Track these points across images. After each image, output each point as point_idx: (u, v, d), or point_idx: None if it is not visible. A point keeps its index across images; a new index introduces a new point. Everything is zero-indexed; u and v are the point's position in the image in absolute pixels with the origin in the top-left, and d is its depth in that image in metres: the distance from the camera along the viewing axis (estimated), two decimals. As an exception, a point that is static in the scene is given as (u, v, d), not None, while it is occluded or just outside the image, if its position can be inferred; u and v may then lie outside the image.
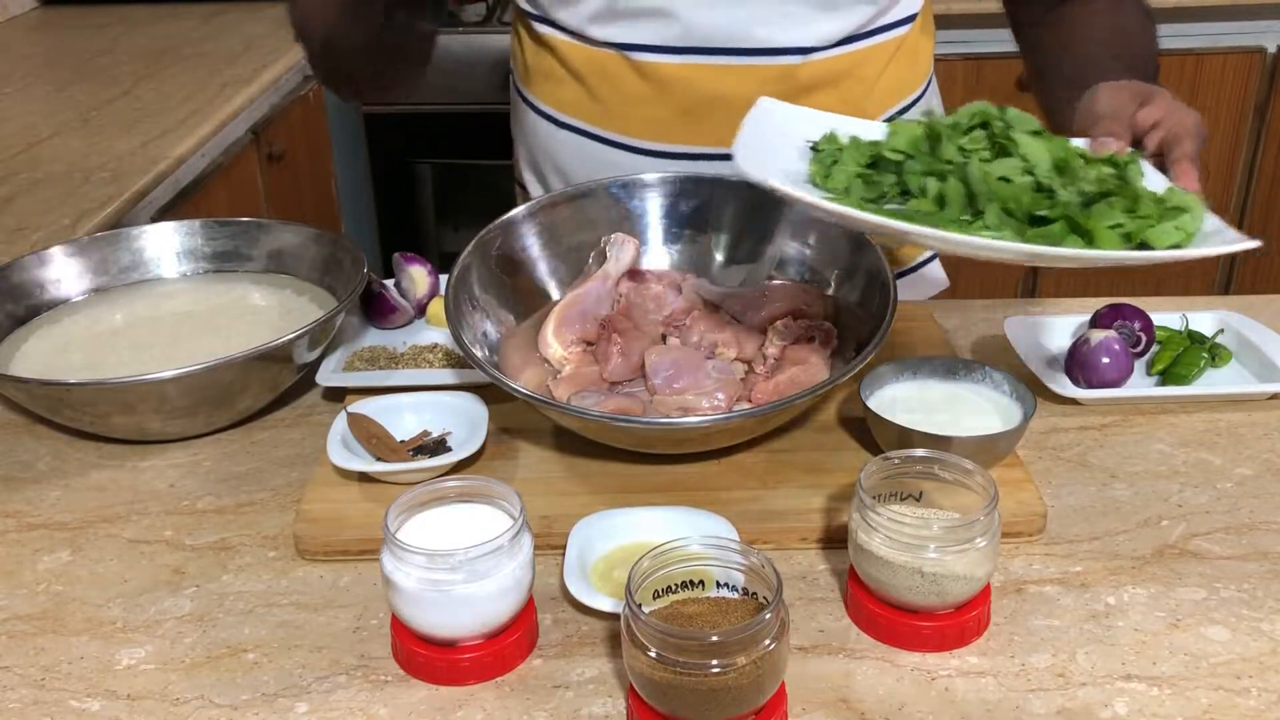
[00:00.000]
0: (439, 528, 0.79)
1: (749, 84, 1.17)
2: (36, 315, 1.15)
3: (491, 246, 1.07)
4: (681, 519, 0.87)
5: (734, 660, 0.67)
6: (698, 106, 1.18)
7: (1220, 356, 1.11)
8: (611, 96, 1.21)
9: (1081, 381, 1.06)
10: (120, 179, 1.65)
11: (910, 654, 0.79)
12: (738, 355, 1.01)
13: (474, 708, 0.75)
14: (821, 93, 1.19)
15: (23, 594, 0.87)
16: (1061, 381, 1.05)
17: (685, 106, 1.19)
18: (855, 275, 1.05)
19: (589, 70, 1.21)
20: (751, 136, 0.96)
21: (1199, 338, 1.12)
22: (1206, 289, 2.75)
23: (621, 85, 1.20)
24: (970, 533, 0.76)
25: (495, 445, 0.99)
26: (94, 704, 0.76)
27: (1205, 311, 1.16)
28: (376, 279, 1.16)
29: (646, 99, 1.20)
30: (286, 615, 0.84)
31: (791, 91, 1.17)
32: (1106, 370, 1.05)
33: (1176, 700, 0.74)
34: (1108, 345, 1.06)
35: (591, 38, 1.19)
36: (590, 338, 1.05)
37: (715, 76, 1.17)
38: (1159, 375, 1.09)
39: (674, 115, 1.19)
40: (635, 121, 1.21)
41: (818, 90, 1.19)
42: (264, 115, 2.15)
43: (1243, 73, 2.59)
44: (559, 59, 1.23)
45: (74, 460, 1.03)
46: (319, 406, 1.10)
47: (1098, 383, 1.05)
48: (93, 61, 2.27)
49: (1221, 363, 1.11)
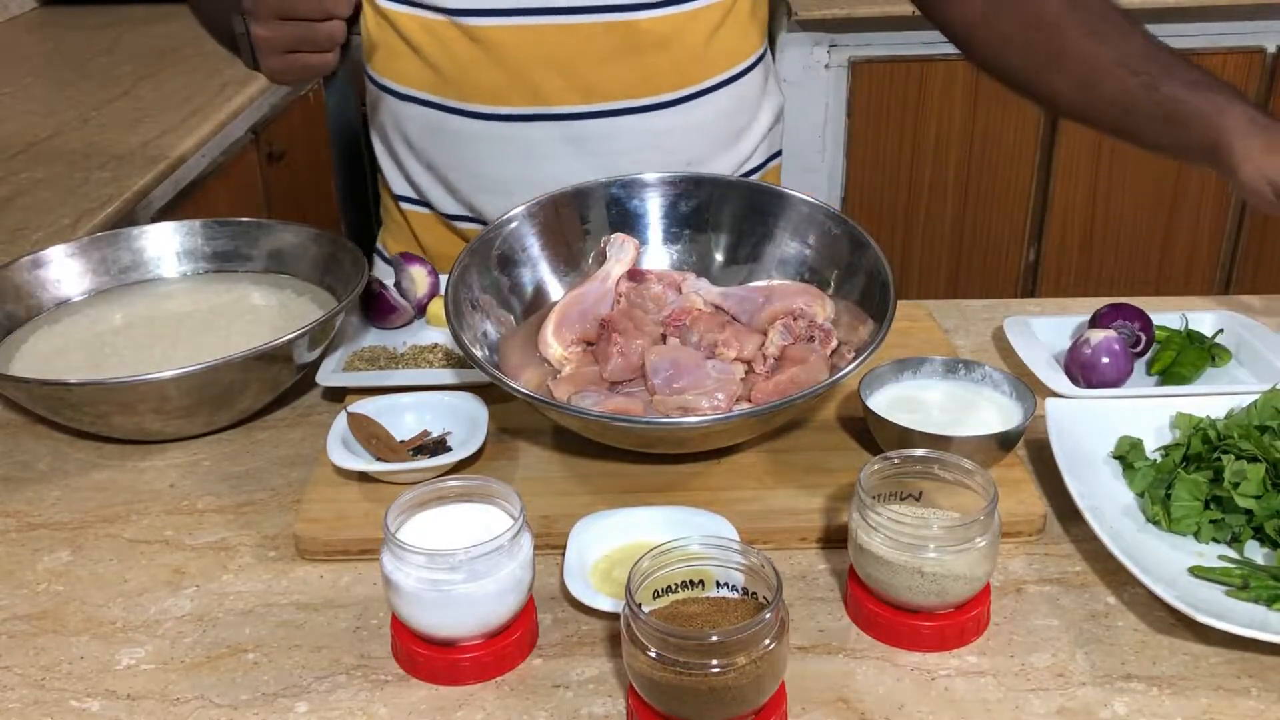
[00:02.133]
0: (439, 528, 0.79)
1: (579, 43, 1.18)
2: (36, 315, 1.15)
3: (491, 246, 1.07)
4: (681, 519, 0.87)
5: (734, 660, 0.67)
6: (531, 68, 1.19)
7: (1220, 356, 1.11)
8: (449, 65, 1.21)
9: (1081, 381, 1.06)
10: (120, 179, 1.65)
11: (910, 654, 0.79)
12: (738, 355, 1.01)
13: (474, 708, 0.75)
14: (650, 54, 1.20)
15: (23, 594, 0.87)
16: (1061, 381, 1.05)
17: (518, 69, 1.19)
18: (855, 275, 1.05)
19: (425, 40, 1.21)
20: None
21: (1199, 338, 1.12)
22: (1206, 289, 2.75)
23: (457, 52, 1.20)
24: (970, 533, 0.76)
25: (495, 445, 0.99)
26: (94, 704, 0.76)
27: (1205, 312, 1.16)
28: (376, 279, 1.16)
29: (480, 64, 1.20)
30: (286, 615, 0.84)
31: (620, 52, 1.19)
32: (1106, 370, 1.06)
33: (1176, 700, 0.74)
34: (1108, 345, 1.06)
35: (426, 3, 1.19)
36: (590, 338, 1.05)
37: (545, 37, 1.18)
38: (1159, 375, 1.09)
39: (509, 79, 1.20)
40: (472, 88, 1.21)
41: (647, 51, 1.20)
42: (264, 115, 2.15)
43: (1243, 73, 2.59)
44: (398, 31, 1.23)
45: (74, 460, 1.03)
46: (319, 406, 1.10)
47: (1097, 383, 1.05)
48: (93, 61, 2.27)
49: (1221, 363, 1.11)
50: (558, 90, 1.20)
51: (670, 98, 1.23)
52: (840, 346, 1.02)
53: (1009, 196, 2.74)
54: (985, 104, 2.58)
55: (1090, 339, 1.07)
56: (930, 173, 2.70)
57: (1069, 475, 0.89)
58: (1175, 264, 2.77)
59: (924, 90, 2.60)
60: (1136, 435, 0.94)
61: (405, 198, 1.35)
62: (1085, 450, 0.94)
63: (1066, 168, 2.69)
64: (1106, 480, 0.92)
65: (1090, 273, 2.79)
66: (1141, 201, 2.72)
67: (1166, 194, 2.71)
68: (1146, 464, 0.92)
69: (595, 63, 1.19)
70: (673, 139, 1.25)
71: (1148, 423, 0.97)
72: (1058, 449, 0.92)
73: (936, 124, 2.64)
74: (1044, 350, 1.11)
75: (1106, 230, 2.76)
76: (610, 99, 1.21)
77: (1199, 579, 0.83)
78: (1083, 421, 0.96)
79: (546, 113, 1.21)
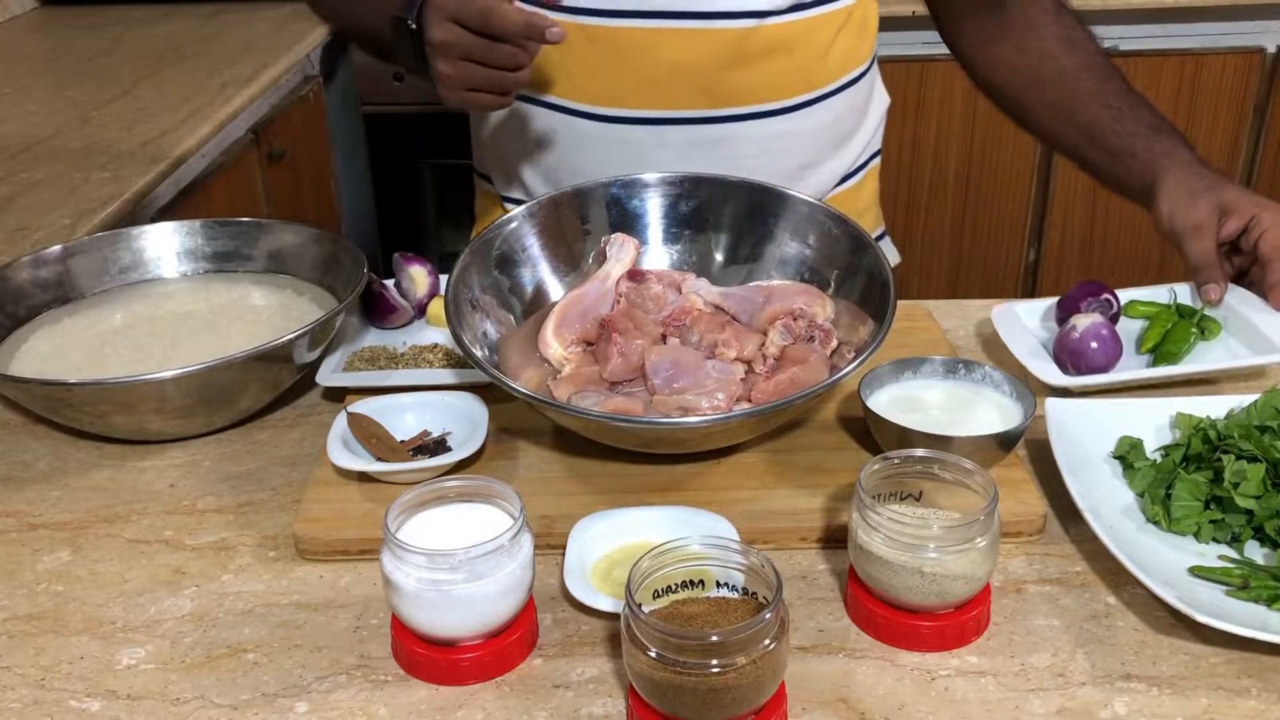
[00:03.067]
0: (439, 528, 0.79)
1: (703, 48, 1.19)
2: (36, 315, 1.15)
3: (491, 246, 1.07)
4: (681, 519, 0.87)
5: (734, 660, 0.67)
6: (657, 73, 1.19)
7: (1209, 329, 1.09)
8: (574, 67, 1.22)
9: (1071, 369, 1.05)
10: (120, 179, 1.64)
11: (910, 654, 0.79)
12: (738, 355, 1.01)
13: (474, 708, 0.75)
14: (775, 59, 1.21)
15: (23, 594, 0.87)
16: (1051, 371, 1.04)
17: (644, 73, 1.20)
18: (855, 275, 1.05)
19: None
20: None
21: (1187, 311, 1.11)
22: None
23: (582, 54, 1.20)
24: (970, 533, 0.76)
25: (495, 445, 0.99)
26: (94, 704, 0.76)
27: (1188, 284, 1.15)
28: (376, 279, 1.16)
29: (605, 67, 1.20)
30: (286, 615, 0.84)
31: (746, 57, 1.19)
32: (1096, 356, 1.04)
33: (1176, 700, 0.74)
34: (1095, 331, 1.05)
35: (552, 4, 1.19)
36: (590, 338, 1.05)
37: (672, 41, 1.18)
38: (1149, 354, 1.08)
39: (633, 82, 1.20)
40: (597, 89, 1.22)
41: (772, 56, 1.21)
42: (264, 115, 2.14)
43: (1242, 73, 2.59)
44: None
45: (74, 460, 1.03)
46: (319, 406, 1.10)
47: (1087, 369, 1.05)
48: (93, 61, 2.27)
49: (1211, 335, 1.09)
50: (682, 94, 1.20)
51: (792, 102, 1.24)
52: (840, 346, 1.02)
53: (1009, 196, 2.74)
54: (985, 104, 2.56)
55: (1077, 325, 1.05)
56: (930, 173, 2.70)
57: (1069, 475, 0.89)
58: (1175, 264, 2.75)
59: (924, 90, 2.60)
60: (1136, 435, 0.94)
61: (512, 199, 1.35)
62: (1085, 450, 0.94)
63: (1066, 168, 2.68)
64: (1106, 480, 0.92)
65: (1090, 273, 2.79)
66: (1141, 201, 2.72)
67: (1166, 194, 2.70)
68: (1146, 464, 0.92)
69: (720, 67, 1.20)
70: (790, 142, 1.26)
71: (1148, 423, 0.97)
72: (1058, 449, 0.92)
73: (936, 124, 2.64)
74: (1031, 338, 1.10)
75: (1106, 230, 2.76)
76: (734, 104, 1.22)
77: (1199, 579, 0.83)
78: (1083, 421, 0.96)
79: (670, 116, 1.21)
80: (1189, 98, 2.60)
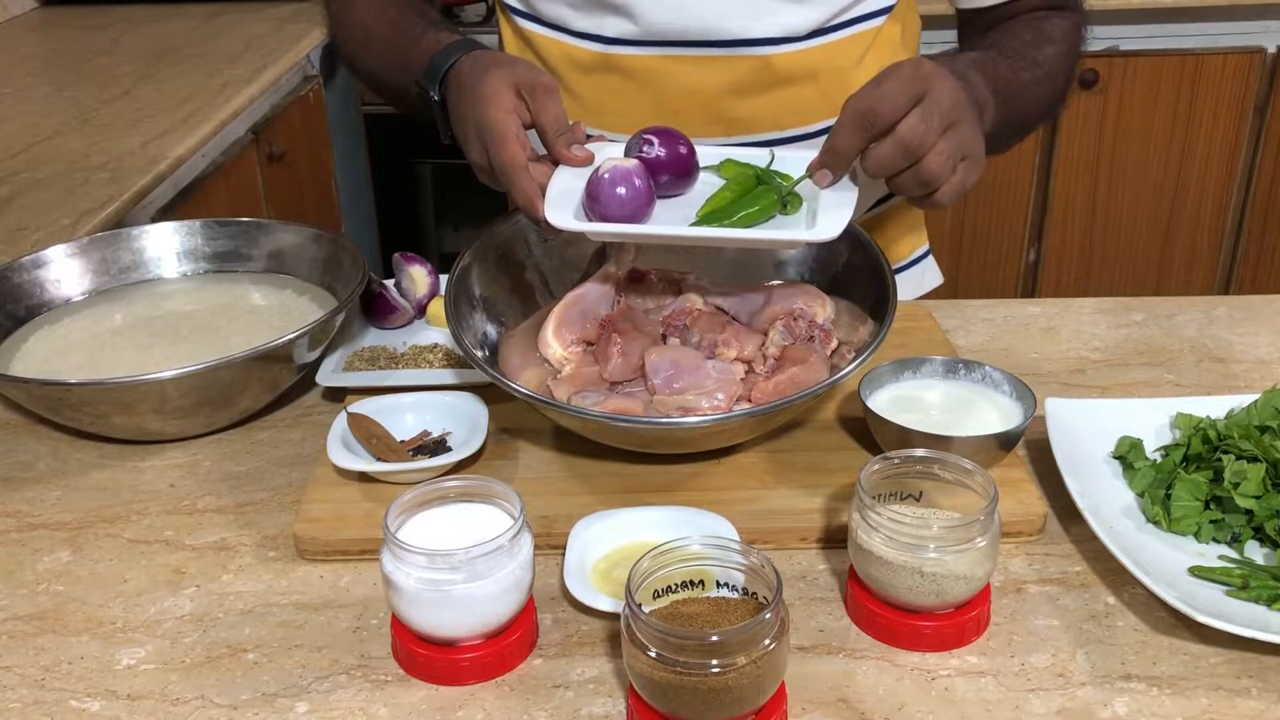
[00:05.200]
0: (439, 528, 0.79)
1: (724, 77, 1.17)
2: (36, 315, 1.15)
3: (491, 246, 1.07)
4: (681, 519, 0.87)
5: (734, 660, 0.67)
6: (673, 100, 1.19)
7: (792, 204, 0.95)
8: (590, 92, 1.21)
9: (592, 215, 0.93)
10: (120, 179, 1.64)
11: (910, 654, 0.79)
12: (738, 355, 1.01)
13: (474, 708, 0.75)
14: (799, 86, 1.19)
15: (23, 594, 0.87)
16: (565, 217, 0.92)
17: (661, 100, 1.19)
18: (855, 275, 1.05)
19: (567, 66, 1.21)
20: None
21: (777, 179, 0.95)
22: (1207, 289, 2.75)
23: (599, 80, 1.20)
24: (970, 533, 0.76)
25: (495, 445, 0.99)
26: (94, 704, 0.76)
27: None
28: (376, 279, 1.16)
29: (622, 94, 1.20)
30: (286, 615, 0.84)
31: (768, 84, 1.18)
32: (618, 203, 0.92)
33: (1176, 700, 0.74)
34: (624, 175, 0.92)
35: (571, 29, 1.19)
36: (590, 338, 1.05)
37: (689, 69, 1.17)
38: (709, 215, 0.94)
39: (651, 109, 1.19)
40: (613, 117, 1.21)
41: (795, 83, 1.19)
42: (264, 115, 2.15)
43: (1243, 73, 2.59)
44: (538, 53, 1.23)
45: (74, 460, 1.03)
46: (319, 406, 1.10)
47: (606, 216, 0.93)
48: (93, 61, 2.27)
49: (792, 210, 0.96)
50: (699, 121, 1.18)
51: (816, 128, 1.21)
52: (840, 346, 1.02)
53: (1009, 196, 2.74)
54: (985, 104, 2.58)
55: (603, 168, 0.93)
56: (930, 173, 2.70)
57: (1069, 475, 0.89)
58: (1175, 264, 2.77)
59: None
60: (1136, 435, 0.94)
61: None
62: (1085, 450, 0.94)
63: (1066, 168, 2.69)
64: (1106, 480, 0.92)
65: (1090, 273, 2.79)
66: (1141, 201, 2.72)
67: (1166, 194, 2.71)
68: (1146, 464, 0.92)
69: (736, 95, 1.18)
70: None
71: (1148, 423, 0.97)
72: (1057, 449, 0.92)
73: (936, 124, 2.64)
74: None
75: (1106, 230, 2.76)
76: (752, 131, 1.20)
77: (1199, 579, 0.83)
78: (1083, 421, 0.96)
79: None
80: (1189, 98, 2.60)
